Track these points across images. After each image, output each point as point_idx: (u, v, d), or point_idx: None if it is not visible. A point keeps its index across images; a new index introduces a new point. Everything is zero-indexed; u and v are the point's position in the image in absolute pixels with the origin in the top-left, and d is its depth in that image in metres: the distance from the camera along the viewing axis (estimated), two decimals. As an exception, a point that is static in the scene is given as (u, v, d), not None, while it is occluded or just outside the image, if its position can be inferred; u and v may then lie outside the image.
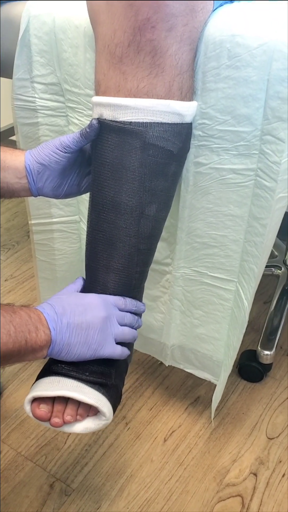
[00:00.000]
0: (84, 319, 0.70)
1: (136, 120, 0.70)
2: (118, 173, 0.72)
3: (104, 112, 0.71)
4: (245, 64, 0.70)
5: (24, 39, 0.87)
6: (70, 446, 1.06)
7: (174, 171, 0.75)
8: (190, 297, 0.96)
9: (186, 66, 0.70)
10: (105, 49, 0.69)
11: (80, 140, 0.74)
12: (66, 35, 0.83)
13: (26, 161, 0.76)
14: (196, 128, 0.77)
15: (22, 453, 1.04)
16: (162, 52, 0.67)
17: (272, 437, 1.08)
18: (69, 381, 0.73)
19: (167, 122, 0.70)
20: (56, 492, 0.98)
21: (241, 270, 0.87)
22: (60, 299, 0.72)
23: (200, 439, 1.07)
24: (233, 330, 0.93)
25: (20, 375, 1.21)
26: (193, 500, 0.97)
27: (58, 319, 0.68)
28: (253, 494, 0.98)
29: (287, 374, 1.22)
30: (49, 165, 0.75)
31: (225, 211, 0.83)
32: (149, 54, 0.67)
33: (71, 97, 0.88)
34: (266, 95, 0.71)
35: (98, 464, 1.03)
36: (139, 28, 0.66)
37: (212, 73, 0.73)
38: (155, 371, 1.22)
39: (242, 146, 0.76)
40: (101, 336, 0.71)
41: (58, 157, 0.75)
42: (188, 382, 1.19)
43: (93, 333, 0.70)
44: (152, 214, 0.75)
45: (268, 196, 0.76)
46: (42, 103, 0.92)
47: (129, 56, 0.68)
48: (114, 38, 0.68)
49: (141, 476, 1.01)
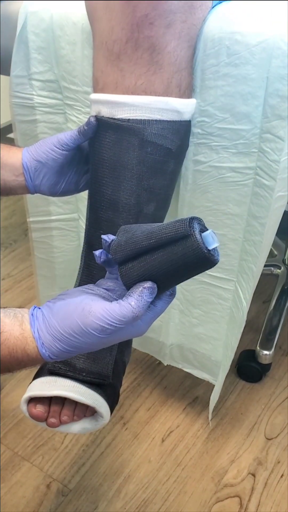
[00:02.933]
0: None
1: (134, 117, 0.69)
2: (116, 171, 0.72)
3: (102, 109, 0.71)
4: (244, 62, 0.69)
5: (21, 36, 0.86)
6: (67, 446, 1.05)
7: (173, 169, 0.75)
8: (189, 296, 0.96)
9: (184, 63, 0.69)
10: (103, 46, 0.69)
11: (77, 138, 0.73)
12: (63, 32, 0.82)
13: (23, 159, 0.75)
14: (195, 126, 0.77)
15: (19, 453, 1.04)
16: (160, 49, 0.67)
17: (271, 438, 1.07)
18: (66, 381, 0.73)
19: (165, 119, 0.70)
20: (53, 492, 0.98)
21: (240, 269, 0.87)
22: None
23: (198, 440, 1.07)
24: (232, 329, 0.92)
25: (17, 374, 1.20)
26: (191, 501, 0.96)
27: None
28: (251, 495, 0.97)
29: (286, 374, 1.21)
30: (46, 162, 0.75)
31: (224, 209, 0.83)
32: (147, 51, 0.67)
33: (69, 94, 0.88)
34: (266, 93, 0.70)
35: (96, 465, 1.02)
36: (137, 25, 0.66)
37: (211, 71, 0.72)
38: (153, 371, 1.22)
39: (241, 144, 0.76)
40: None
41: (55, 155, 0.74)
42: (186, 382, 1.18)
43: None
44: (150, 212, 0.75)
45: (267, 195, 0.76)
46: (40, 100, 0.92)
47: (127, 53, 0.67)
48: (112, 35, 0.67)
49: (139, 476, 1.00)
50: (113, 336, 0.53)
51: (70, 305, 0.54)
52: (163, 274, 0.53)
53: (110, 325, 0.52)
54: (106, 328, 0.52)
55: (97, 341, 0.53)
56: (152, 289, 0.53)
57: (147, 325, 0.56)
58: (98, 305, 0.53)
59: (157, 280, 0.53)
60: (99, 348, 0.56)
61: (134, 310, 0.52)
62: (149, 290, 0.53)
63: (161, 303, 0.57)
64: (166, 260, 0.52)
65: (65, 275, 1.14)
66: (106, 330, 0.52)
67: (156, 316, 0.57)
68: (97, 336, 0.53)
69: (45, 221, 1.06)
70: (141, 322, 0.55)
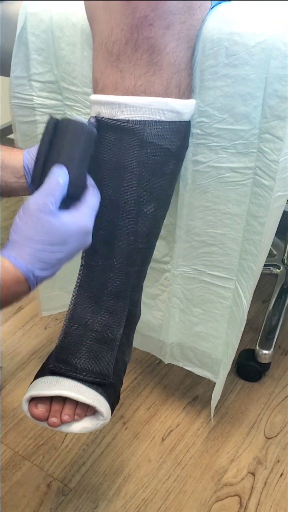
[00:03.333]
0: None
1: (133, 118, 0.69)
2: (116, 172, 0.72)
3: (101, 110, 0.71)
4: (243, 62, 0.70)
5: (21, 37, 0.87)
6: (68, 445, 1.06)
7: (173, 169, 0.75)
8: (189, 295, 0.96)
9: (184, 64, 0.70)
10: (102, 47, 0.69)
11: (77, 139, 0.74)
12: (63, 33, 0.82)
13: (24, 160, 0.75)
14: (194, 126, 0.77)
15: (19, 452, 1.04)
16: (160, 50, 0.67)
17: (270, 437, 1.07)
18: (67, 381, 0.73)
19: (165, 120, 0.70)
20: (53, 491, 0.98)
21: (240, 268, 0.87)
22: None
23: (198, 439, 1.07)
24: (232, 328, 0.92)
25: (18, 374, 1.20)
26: (191, 500, 0.97)
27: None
28: (251, 494, 0.98)
29: (285, 373, 1.21)
30: None
31: (224, 209, 0.83)
32: (146, 52, 0.67)
33: (68, 95, 0.88)
34: (264, 94, 0.70)
35: (96, 464, 1.02)
36: (136, 26, 0.66)
37: (210, 71, 0.72)
38: (153, 370, 1.22)
39: (240, 145, 0.76)
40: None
41: None
42: (186, 381, 1.19)
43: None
44: (150, 212, 0.75)
45: (267, 195, 0.76)
46: (40, 101, 0.92)
47: (127, 54, 0.67)
48: (111, 36, 0.68)
49: (139, 475, 1.00)
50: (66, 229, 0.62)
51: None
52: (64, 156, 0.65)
53: (52, 203, 0.61)
54: (50, 206, 0.61)
55: (55, 237, 0.61)
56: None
57: (90, 220, 0.65)
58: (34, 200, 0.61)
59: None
60: (69, 251, 0.63)
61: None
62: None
63: (90, 195, 0.66)
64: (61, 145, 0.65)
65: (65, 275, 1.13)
66: (51, 209, 0.61)
67: (92, 210, 0.66)
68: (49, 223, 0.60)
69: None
70: (83, 216, 0.64)
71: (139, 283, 0.81)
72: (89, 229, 0.65)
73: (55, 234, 0.61)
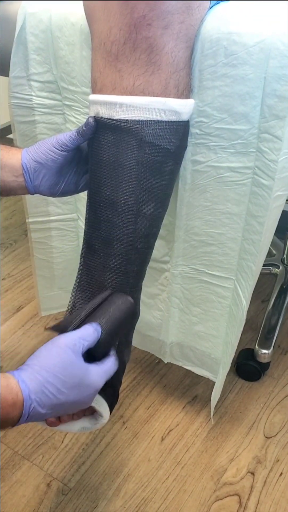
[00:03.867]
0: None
1: (132, 118, 0.69)
2: (114, 172, 0.72)
3: (100, 110, 0.71)
4: (242, 62, 0.70)
5: (20, 37, 0.87)
6: (67, 445, 1.06)
7: (171, 169, 0.75)
8: (189, 295, 0.96)
9: (182, 63, 0.69)
10: (101, 46, 0.69)
11: (76, 138, 0.74)
12: (62, 32, 0.82)
13: (22, 159, 0.75)
14: (193, 126, 0.77)
15: (19, 452, 1.04)
16: (158, 50, 0.67)
17: (270, 436, 1.07)
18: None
19: (163, 120, 0.70)
20: (53, 491, 0.98)
21: (239, 268, 0.87)
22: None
23: (197, 438, 1.07)
24: (231, 327, 0.92)
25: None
26: (190, 499, 0.97)
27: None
28: (250, 493, 0.98)
29: (285, 373, 1.21)
30: (46, 163, 0.75)
31: (223, 209, 0.83)
32: (145, 52, 0.67)
33: (67, 95, 0.88)
34: (263, 93, 0.70)
35: (95, 463, 1.02)
36: (134, 26, 0.66)
37: (208, 71, 0.72)
38: (153, 369, 1.22)
39: (239, 144, 0.76)
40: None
41: (54, 155, 0.75)
42: (185, 381, 1.19)
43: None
44: (149, 212, 0.75)
45: (266, 194, 0.76)
46: (39, 101, 0.92)
47: (125, 54, 0.67)
48: (110, 36, 0.68)
49: (138, 475, 1.00)
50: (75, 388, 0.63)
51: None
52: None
53: (82, 346, 0.65)
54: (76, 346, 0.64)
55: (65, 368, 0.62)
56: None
57: (102, 382, 0.67)
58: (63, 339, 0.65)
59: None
60: (70, 400, 0.63)
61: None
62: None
63: (111, 361, 0.69)
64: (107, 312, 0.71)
65: (65, 275, 1.14)
66: (78, 349, 0.64)
67: (106, 374, 0.68)
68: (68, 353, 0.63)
69: (44, 221, 1.07)
70: (99, 375, 0.66)
71: (138, 283, 0.81)
72: (99, 388, 0.67)
73: (71, 373, 0.63)
